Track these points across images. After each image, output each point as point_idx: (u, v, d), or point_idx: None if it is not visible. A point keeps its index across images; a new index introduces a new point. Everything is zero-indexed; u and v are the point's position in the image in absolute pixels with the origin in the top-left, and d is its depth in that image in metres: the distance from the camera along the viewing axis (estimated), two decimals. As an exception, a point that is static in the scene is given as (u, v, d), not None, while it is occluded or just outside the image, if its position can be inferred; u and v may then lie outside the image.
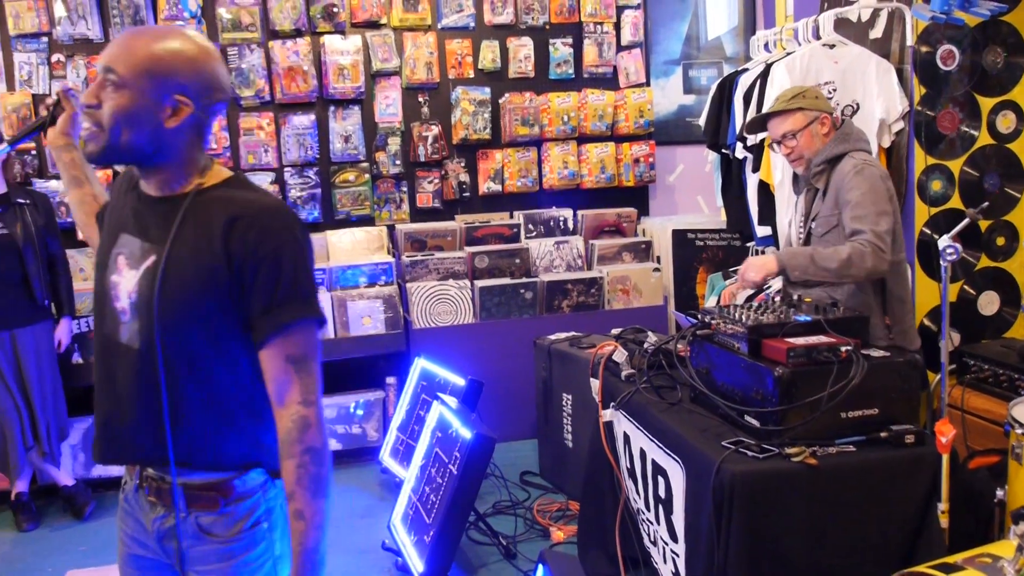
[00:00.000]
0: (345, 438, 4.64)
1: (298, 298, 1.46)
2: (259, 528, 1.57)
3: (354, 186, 5.08)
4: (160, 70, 1.45)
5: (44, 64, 4.72)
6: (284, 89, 4.89)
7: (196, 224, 1.48)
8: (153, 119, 1.46)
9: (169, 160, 1.51)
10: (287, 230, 1.47)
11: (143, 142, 1.47)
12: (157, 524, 1.57)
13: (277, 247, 1.45)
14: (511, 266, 4.93)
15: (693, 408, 2.53)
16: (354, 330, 4.61)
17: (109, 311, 1.54)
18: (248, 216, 1.46)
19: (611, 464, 2.91)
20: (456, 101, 5.15)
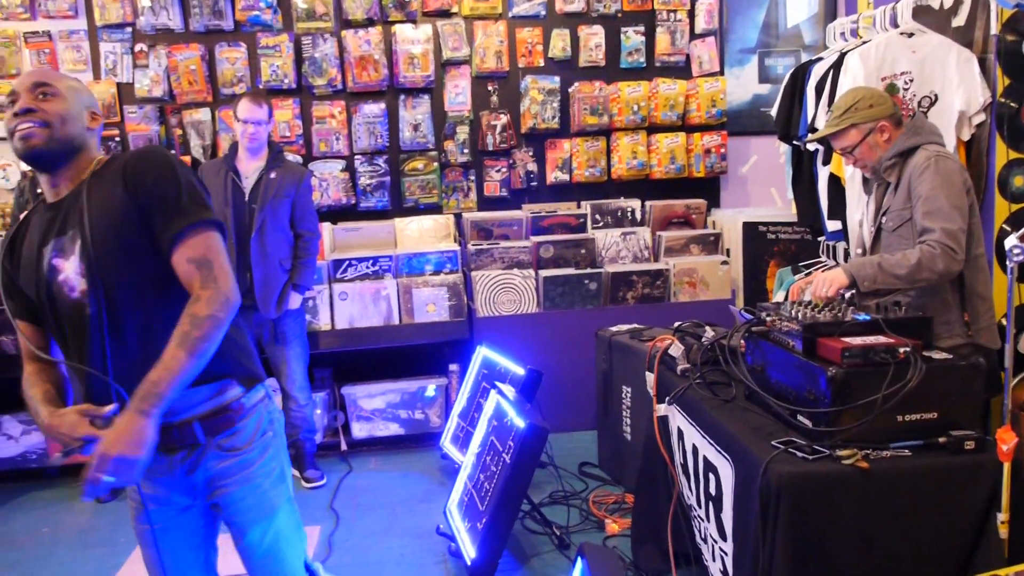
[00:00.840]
0: (408, 423, 4.73)
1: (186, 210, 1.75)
2: (266, 437, 1.92)
3: (422, 174, 5.15)
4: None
5: (128, 54, 4.92)
6: (355, 78, 4.98)
7: (97, 191, 1.78)
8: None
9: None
10: (164, 158, 1.80)
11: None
12: (178, 462, 1.87)
13: (155, 171, 1.76)
14: (576, 256, 4.93)
15: (746, 406, 2.50)
16: (419, 317, 4.69)
17: (68, 304, 1.78)
18: (131, 159, 1.80)
19: (665, 459, 2.90)
20: (525, 90, 5.17)
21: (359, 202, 5.11)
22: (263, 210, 4.04)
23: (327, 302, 4.63)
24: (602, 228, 5.12)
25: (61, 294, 1.79)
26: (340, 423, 4.81)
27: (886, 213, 2.88)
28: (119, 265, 1.74)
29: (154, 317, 1.77)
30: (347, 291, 4.64)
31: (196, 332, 1.66)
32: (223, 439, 1.86)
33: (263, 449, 1.91)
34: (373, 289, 4.66)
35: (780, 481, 2.04)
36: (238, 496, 1.90)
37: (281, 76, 4.95)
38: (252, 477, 1.90)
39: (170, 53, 4.89)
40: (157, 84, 4.92)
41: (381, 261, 4.72)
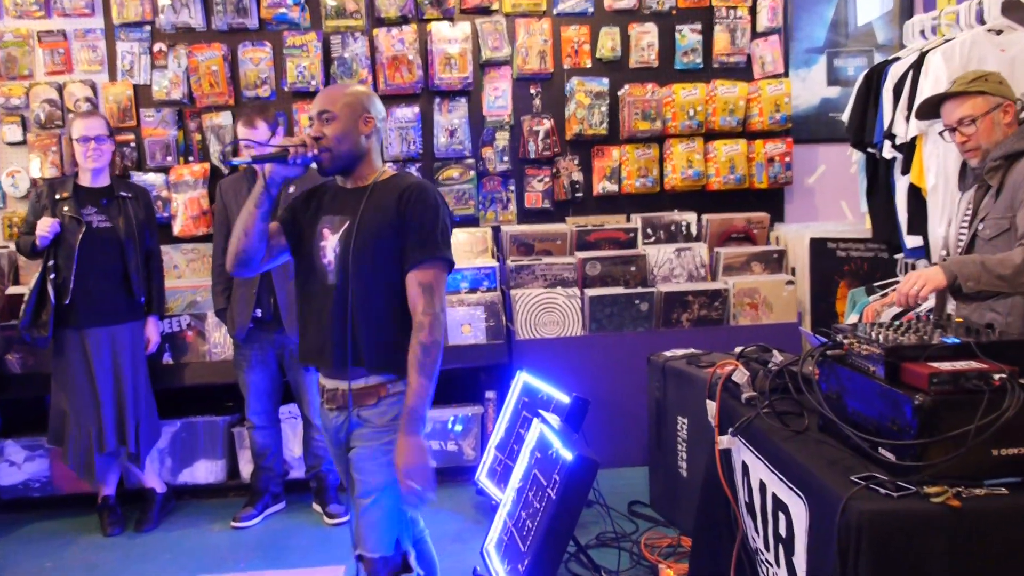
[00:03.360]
0: (440, 455, 4.74)
1: (432, 245, 2.40)
2: (396, 422, 2.43)
3: (458, 184, 5.19)
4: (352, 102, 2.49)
5: (146, 54, 5.04)
6: (388, 80, 5.05)
7: (378, 200, 2.44)
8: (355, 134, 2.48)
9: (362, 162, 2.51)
10: (435, 198, 2.44)
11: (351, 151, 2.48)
12: (334, 423, 2.55)
13: (424, 207, 2.40)
14: (626, 274, 4.92)
15: (821, 438, 2.47)
16: (453, 339, 4.70)
17: (319, 266, 2.49)
18: (413, 186, 2.44)
19: (727, 497, 2.87)
20: (571, 93, 5.20)
21: (389, 214, 5.15)
22: None
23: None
24: (654, 244, 5.12)
25: (316, 255, 2.49)
26: (366, 454, 4.82)
27: (983, 220, 2.84)
28: (365, 257, 2.39)
29: (373, 299, 2.41)
30: (376, 310, 4.66)
31: (427, 359, 2.34)
32: (365, 411, 2.46)
33: (392, 429, 2.43)
34: (404, 308, 4.67)
35: (861, 521, 2.01)
36: (364, 456, 2.47)
37: (308, 78, 5.03)
38: (380, 446, 2.44)
39: (190, 53, 5.00)
40: (176, 86, 5.02)
41: (413, 278, 4.73)
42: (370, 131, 2.47)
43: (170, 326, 4.56)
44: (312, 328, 2.52)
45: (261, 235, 2.48)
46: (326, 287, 2.46)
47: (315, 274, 2.50)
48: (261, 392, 4.33)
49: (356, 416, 2.48)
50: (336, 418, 2.54)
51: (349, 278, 2.40)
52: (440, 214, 2.41)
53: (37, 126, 4.99)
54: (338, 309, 2.42)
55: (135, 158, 5.07)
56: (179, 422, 4.64)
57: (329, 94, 2.48)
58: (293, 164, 2.40)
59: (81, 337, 4.09)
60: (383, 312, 2.41)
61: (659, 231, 5.17)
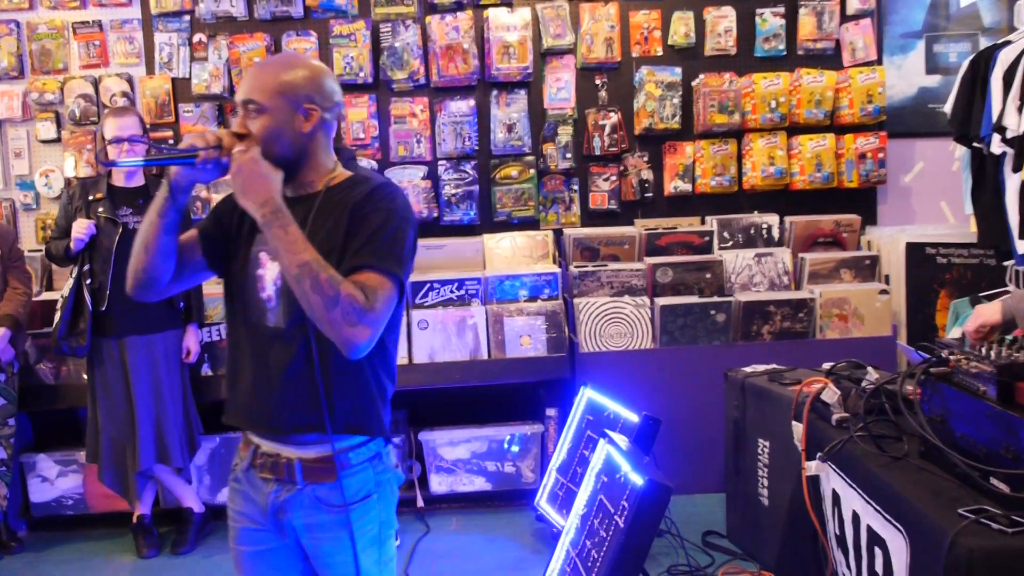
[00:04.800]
0: (496, 477, 4.74)
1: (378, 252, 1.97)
2: (369, 500, 2.09)
3: (517, 183, 5.19)
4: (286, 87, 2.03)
5: (185, 45, 5.13)
6: (441, 70, 5.08)
7: (329, 214, 2.03)
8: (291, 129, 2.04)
9: (305, 164, 2.09)
10: (396, 200, 2.04)
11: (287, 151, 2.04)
12: (272, 498, 2.09)
13: (379, 211, 2.00)
14: (700, 282, 4.88)
15: (922, 465, 2.43)
16: (510, 351, 4.70)
17: (255, 301, 2.09)
18: (375, 189, 2.04)
19: (815, 529, 2.83)
20: (640, 84, 5.17)
21: (442, 215, 5.19)
22: None
23: (404, 331, 4.69)
24: (731, 248, 5.07)
25: (251, 288, 2.11)
26: (416, 475, 4.85)
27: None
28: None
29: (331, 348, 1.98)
30: (427, 319, 4.70)
31: (325, 277, 1.87)
32: (321, 489, 2.06)
33: (363, 512, 2.09)
34: (458, 317, 4.70)
35: (971, 559, 1.97)
36: (327, 551, 2.11)
37: (356, 69, 5.08)
38: (344, 537, 2.07)
39: (232, 44, 5.09)
40: (216, 79, 5.11)
41: (467, 284, 4.76)
42: (314, 125, 2.05)
43: (209, 335, 4.63)
44: (246, 381, 2.10)
45: (166, 252, 2.09)
46: (266, 330, 2.07)
47: (250, 311, 2.10)
48: (305, 406, 4.36)
49: (314, 497, 2.07)
50: (274, 494, 2.10)
51: (302, 320, 1.98)
52: (398, 223, 1.99)
53: (72, 122, 5.12)
54: (292, 360, 2.02)
55: (172, 156, 5.15)
56: (218, 438, 4.71)
57: (257, 76, 2.04)
58: (203, 168, 1.98)
59: (120, 347, 4.17)
60: (352, 363, 2.00)
61: (737, 235, 5.12)
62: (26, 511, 4.70)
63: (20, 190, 5.19)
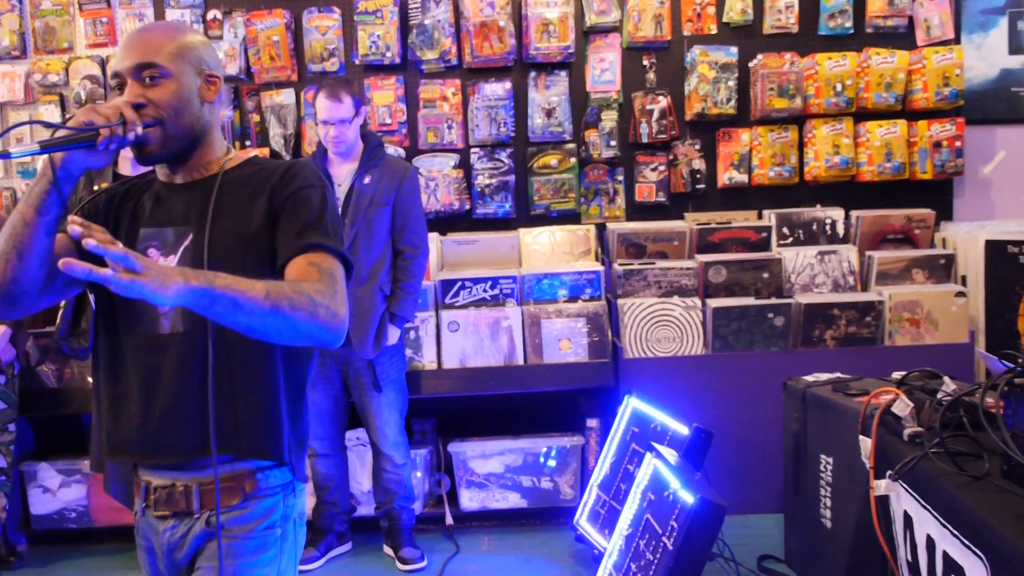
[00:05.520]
0: (532, 493, 4.73)
1: (317, 228, 1.92)
2: (272, 533, 1.97)
3: (556, 173, 5.19)
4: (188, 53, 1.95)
5: (199, 22, 5.18)
6: (475, 50, 5.08)
7: (234, 198, 1.96)
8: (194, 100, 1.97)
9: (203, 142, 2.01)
10: (315, 176, 2.02)
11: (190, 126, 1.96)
12: (166, 538, 1.97)
13: (308, 188, 1.97)
14: (757, 282, 4.85)
15: (1006, 485, 2.40)
16: (548, 356, 4.70)
17: (145, 307, 1.89)
18: (290, 172, 2.00)
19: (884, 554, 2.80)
20: (692, 65, 5.15)
21: (475, 208, 5.19)
22: (355, 224, 4.15)
23: (432, 334, 4.70)
24: (791, 245, 5.04)
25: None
26: (445, 490, 4.86)
27: None
28: (234, 269, 1.78)
29: (245, 351, 1.90)
30: (458, 320, 4.70)
31: (291, 292, 1.75)
32: (223, 514, 1.92)
33: (261, 545, 1.96)
34: (491, 318, 4.70)
35: (1061, 590, 1.92)
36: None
37: (382, 49, 5.09)
38: (236, 571, 1.92)
39: (248, 22, 5.12)
40: (232, 59, 5.15)
41: (502, 283, 4.76)
42: (215, 97, 1.98)
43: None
44: (132, 403, 1.93)
45: (43, 256, 1.85)
46: (158, 339, 1.91)
47: (138, 320, 1.94)
48: (323, 414, 4.39)
49: (207, 524, 1.92)
50: (170, 531, 1.96)
51: (203, 322, 1.82)
52: (328, 199, 1.99)
53: (77, 106, 5.17)
54: (190, 370, 1.88)
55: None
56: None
57: (150, 40, 1.90)
58: (104, 150, 1.82)
59: None
60: (260, 368, 1.91)
61: (798, 230, 5.08)
62: (26, 524, 4.76)
63: (22, 178, 5.26)
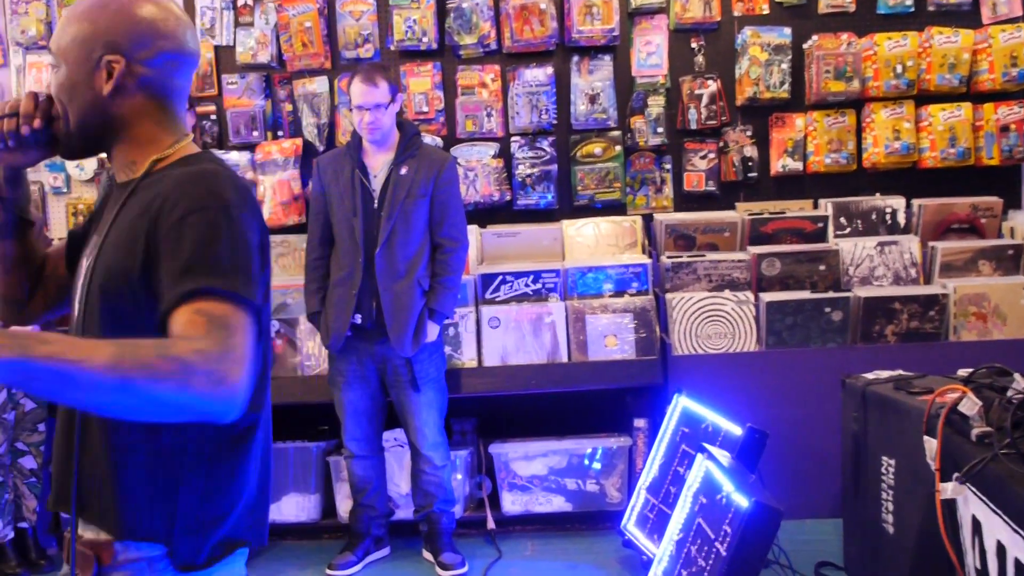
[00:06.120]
0: (577, 497, 4.73)
1: (201, 267, 1.54)
2: None
3: (600, 161, 5.18)
4: (80, 34, 1.69)
5: (229, 9, 5.23)
6: (515, 34, 5.08)
7: (138, 205, 1.66)
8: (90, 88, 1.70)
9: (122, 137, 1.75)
10: (210, 196, 1.61)
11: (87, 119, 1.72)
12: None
13: (199, 211, 1.58)
14: (813, 274, 4.83)
15: (1082, 489, 2.36)
16: (593, 353, 4.69)
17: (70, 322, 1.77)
18: (178, 187, 1.62)
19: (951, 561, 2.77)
20: (743, 47, 5.12)
21: (516, 199, 5.20)
22: (391, 216, 4.17)
23: (472, 330, 4.72)
24: (849, 236, 5.01)
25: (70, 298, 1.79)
26: (486, 493, 4.87)
27: None
28: (95, 314, 1.65)
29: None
30: (499, 316, 4.71)
31: (154, 358, 1.40)
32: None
33: None
34: (533, 314, 4.70)
35: None
36: None
37: (419, 34, 5.11)
38: None
39: (280, 7, 5.16)
40: (263, 47, 5.19)
41: (545, 277, 4.77)
42: (117, 84, 1.68)
43: (262, 332, 4.69)
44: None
45: (8, 263, 1.84)
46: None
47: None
48: (360, 414, 4.42)
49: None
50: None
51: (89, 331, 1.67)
52: (227, 223, 1.58)
53: (105, 96, 5.22)
54: (62, 420, 1.76)
55: (216, 133, 5.25)
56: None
57: (60, 21, 1.73)
58: (13, 147, 1.73)
59: None
60: (100, 430, 1.65)
61: (856, 220, 5.05)
62: (56, 527, 4.80)
63: (50, 172, 5.32)
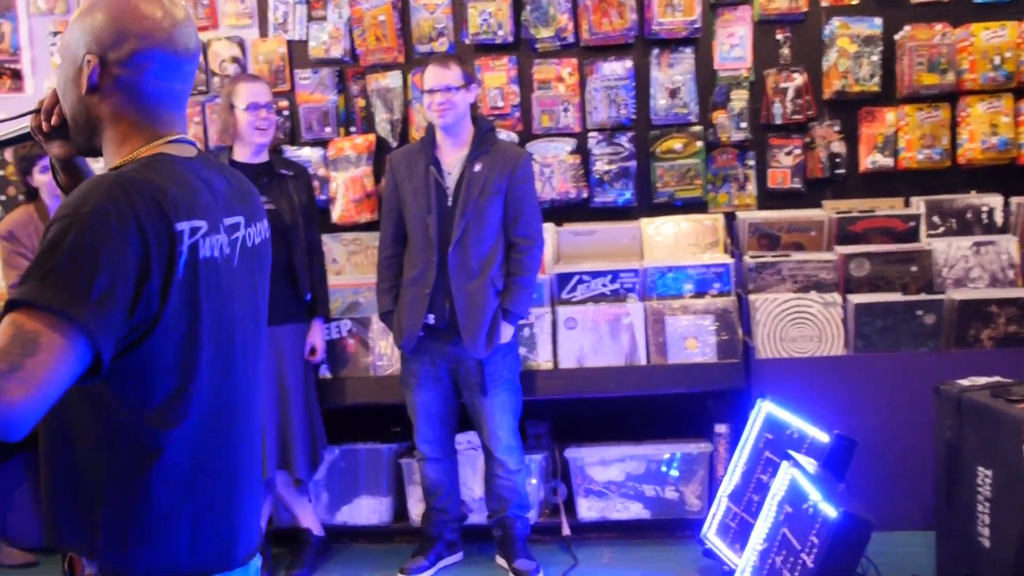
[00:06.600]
0: (655, 504, 4.73)
1: (33, 276, 1.51)
2: None
3: (681, 158, 5.16)
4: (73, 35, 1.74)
5: (302, 3, 5.30)
6: (593, 26, 5.09)
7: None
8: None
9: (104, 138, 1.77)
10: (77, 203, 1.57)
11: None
12: None
13: (58, 219, 1.56)
14: (904, 276, 4.77)
15: None
16: (673, 356, 4.68)
17: None
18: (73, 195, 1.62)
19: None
20: (831, 38, 5.07)
21: (593, 196, 5.20)
22: (465, 214, 4.20)
23: (548, 331, 4.73)
24: (943, 236, 4.94)
25: None
26: (562, 498, 4.87)
27: None
28: None
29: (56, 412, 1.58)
30: (576, 317, 4.71)
31: None
32: None
33: None
34: (611, 315, 4.70)
35: None
36: None
37: (494, 27, 5.13)
38: None
39: (354, 1, 5.21)
40: (336, 42, 5.25)
41: (623, 277, 4.76)
42: (90, 82, 1.71)
43: (328, 332, 4.76)
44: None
45: None
46: None
47: None
48: (432, 416, 4.46)
49: None
50: None
51: None
52: (72, 232, 1.51)
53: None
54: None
55: (288, 129, 5.33)
56: (338, 449, 4.85)
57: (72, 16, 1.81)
58: (42, 140, 1.87)
59: None
60: (56, 442, 1.69)
61: (950, 219, 4.98)
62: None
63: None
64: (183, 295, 1.60)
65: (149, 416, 1.60)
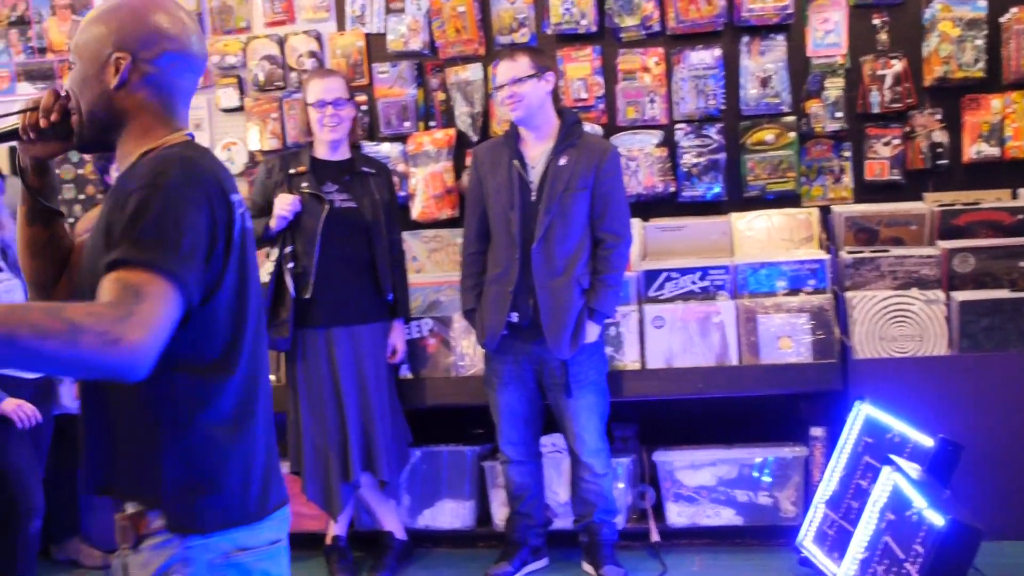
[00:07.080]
0: (748, 510, 4.70)
1: (127, 240, 1.73)
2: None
3: (773, 149, 5.12)
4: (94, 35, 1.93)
5: (380, -6, 5.34)
6: (680, 14, 5.06)
7: (113, 194, 1.88)
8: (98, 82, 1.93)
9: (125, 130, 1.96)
10: (153, 175, 1.79)
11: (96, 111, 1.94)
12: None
13: (140, 188, 1.77)
14: (1012, 272, 4.68)
15: None
16: (766, 356, 4.65)
17: None
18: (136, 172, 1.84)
19: None
20: (932, 22, 4.99)
21: (680, 190, 5.18)
22: (549, 210, 4.21)
23: (635, 331, 4.73)
24: (1053, 229, 4.81)
25: None
26: (650, 503, 4.86)
27: None
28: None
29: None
30: (664, 315, 4.70)
31: (42, 316, 1.58)
32: (128, 558, 1.92)
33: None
34: (701, 313, 4.68)
35: None
36: None
37: (577, 16, 5.13)
38: None
39: (436, -6, 5.25)
40: (415, 34, 5.28)
41: (712, 274, 4.74)
42: (123, 78, 1.90)
43: (408, 332, 4.80)
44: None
45: (34, 249, 2.08)
46: None
47: None
48: (516, 417, 4.47)
49: (120, 564, 1.96)
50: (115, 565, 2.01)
51: None
52: (157, 200, 1.74)
53: (255, 88, 5.42)
54: (85, 402, 1.97)
55: (366, 124, 5.38)
56: (419, 451, 4.89)
57: (82, 21, 1.98)
58: (37, 140, 1.99)
59: (327, 339, 4.43)
60: (127, 400, 1.84)
61: (1061, 211, 4.87)
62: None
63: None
64: (236, 257, 1.84)
65: (208, 367, 1.83)
